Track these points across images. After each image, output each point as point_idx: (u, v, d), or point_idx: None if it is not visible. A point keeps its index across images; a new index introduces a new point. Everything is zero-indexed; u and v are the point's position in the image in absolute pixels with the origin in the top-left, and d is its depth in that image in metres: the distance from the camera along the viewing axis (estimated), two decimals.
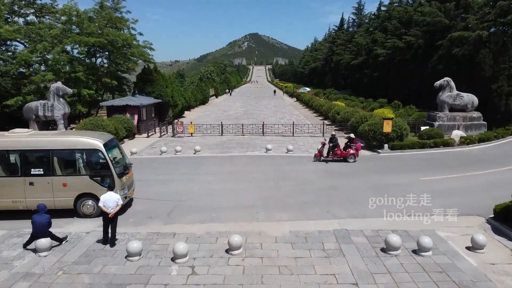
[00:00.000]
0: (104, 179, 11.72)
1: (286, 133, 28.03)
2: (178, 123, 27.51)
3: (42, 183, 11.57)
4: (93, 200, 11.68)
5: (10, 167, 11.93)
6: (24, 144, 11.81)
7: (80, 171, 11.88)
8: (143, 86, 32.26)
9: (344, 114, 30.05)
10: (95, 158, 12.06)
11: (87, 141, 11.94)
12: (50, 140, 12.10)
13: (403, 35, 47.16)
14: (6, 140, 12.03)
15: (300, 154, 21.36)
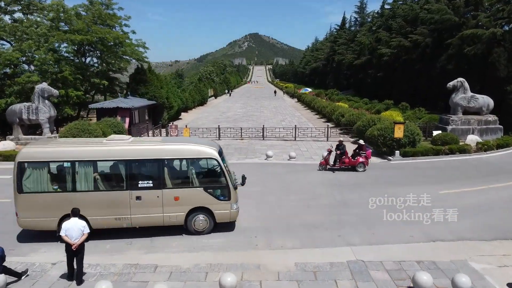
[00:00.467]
0: (219, 191, 10.56)
1: (288, 137, 26.22)
2: (172, 126, 25.69)
3: (151, 197, 10.10)
4: (205, 214, 10.46)
5: (113, 179, 10.40)
6: (130, 153, 10.23)
7: (194, 182, 10.52)
8: (136, 87, 30.49)
9: (349, 116, 28.23)
10: (210, 168, 10.86)
11: (202, 149, 10.60)
12: (160, 148, 10.58)
13: (409, 33, 45.32)
14: (108, 148, 10.40)
15: (303, 161, 19.56)
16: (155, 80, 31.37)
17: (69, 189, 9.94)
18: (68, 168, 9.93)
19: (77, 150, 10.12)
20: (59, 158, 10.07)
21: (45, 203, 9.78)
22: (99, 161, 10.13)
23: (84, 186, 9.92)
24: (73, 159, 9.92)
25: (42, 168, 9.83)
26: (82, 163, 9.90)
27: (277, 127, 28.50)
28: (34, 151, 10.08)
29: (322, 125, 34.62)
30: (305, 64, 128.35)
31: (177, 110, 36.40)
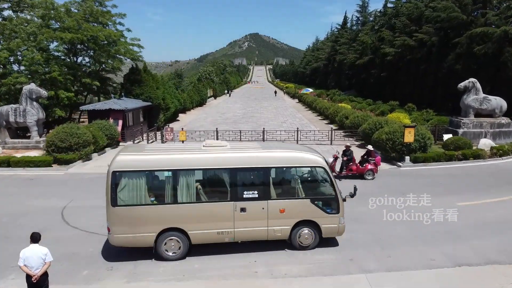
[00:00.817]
0: (327, 203, 9.65)
1: (290, 140, 24.87)
2: (167, 129, 24.38)
3: (256, 209, 9.22)
4: (311, 228, 9.55)
5: (216, 189, 9.52)
6: (234, 161, 9.31)
7: (300, 193, 9.62)
8: (131, 87, 29.14)
9: (354, 119, 26.88)
10: (317, 177, 9.99)
11: (309, 157, 9.78)
12: (266, 156, 9.59)
13: (414, 32, 44.00)
14: (210, 156, 9.36)
15: None
16: (151, 81, 30.03)
17: (168, 201, 8.97)
18: (168, 178, 9.00)
19: (177, 158, 9.20)
20: (158, 166, 9.07)
21: (142, 217, 8.81)
22: (201, 169, 9.27)
23: (186, 198, 8.99)
24: (174, 168, 8.94)
25: (139, 178, 8.80)
26: (183, 172, 8.94)
27: (278, 129, 27.19)
28: (130, 159, 9.00)
29: (324, 127, 33.32)
30: (306, 64, 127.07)
31: (174, 111, 35.07)
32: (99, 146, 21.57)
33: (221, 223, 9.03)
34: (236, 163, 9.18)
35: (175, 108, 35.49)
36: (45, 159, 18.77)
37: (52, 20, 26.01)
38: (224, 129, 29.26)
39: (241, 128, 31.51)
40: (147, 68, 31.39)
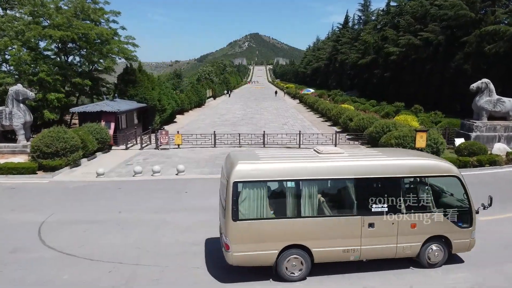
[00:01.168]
0: (460, 216, 8.57)
1: (291, 144, 23.55)
2: (162, 133, 23.06)
3: (386, 224, 8.28)
4: (440, 244, 8.60)
5: (340, 202, 8.62)
6: (360, 170, 8.28)
7: (432, 205, 8.55)
8: (125, 88, 27.82)
9: (359, 121, 25.56)
10: (450, 187, 8.98)
11: (444, 165, 8.77)
12: (397, 164, 8.56)
13: (419, 31, 42.69)
14: (333, 165, 8.35)
15: None
16: (146, 81, 28.71)
17: (291, 214, 8.06)
18: (291, 189, 8.14)
19: (301, 167, 8.20)
20: (281, 176, 8.11)
21: (265, 233, 7.95)
22: (325, 179, 8.42)
23: (309, 211, 8.11)
24: (298, 178, 8.05)
25: (261, 189, 7.96)
26: (306, 183, 8.04)
27: (279, 132, 25.82)
28: (251, 168, 7.99)
29: (327, 129, 32.01)
30: (306, 64, 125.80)
31: (170, 113, 33.77)
32: (89, 151, 20.27)
33: (347, 240, 8.16)
34: (363, 172, 8.23)
35: (172, 109, 34.19)
36: (29, 165, 17.46)
37: (41, 18, 24.63)
38: (223, 132, 27.94)
39: (241, 131, 30.24)
40: (142, 68, 30.09)
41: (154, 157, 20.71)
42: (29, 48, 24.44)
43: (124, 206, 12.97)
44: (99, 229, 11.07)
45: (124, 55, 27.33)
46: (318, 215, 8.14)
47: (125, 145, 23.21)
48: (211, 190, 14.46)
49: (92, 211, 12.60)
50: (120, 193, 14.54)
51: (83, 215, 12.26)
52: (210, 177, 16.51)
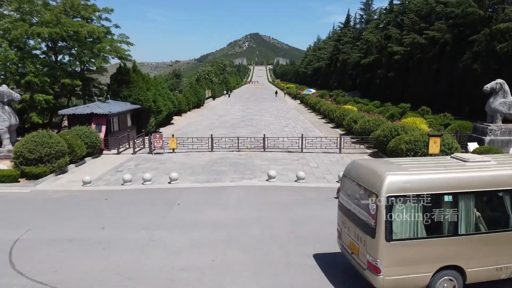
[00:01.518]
0: None
1: (293, 147, 22.22)
2: (156, 136, 21.73)
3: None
4: None
5: (495, 216, 7.65)
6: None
7: None
8: (118, 89, 26.50)
9: (364, 123, 24.21)
10: None
11: None
12: None
13: (424, 30, 41.37)
14: (488, 175, 7.43)
15: (315, 183, 15.52)
16: (140, 81, 27.38)
17: (448, 232, 7.19)
18: (448, 204, 7.19)
19: (455, 178, 7.35)
20: (436, 189, 7.12)
21: (420, 254, 7.11)
22: (481, 192, 7.35)
23: (466, 228, 7.28)
24: (455, 190, 7.17)
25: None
26: (464, 196, 7.21)
27: (280, 135, 24.48)
28: (404, 180, 7.01)
29: (330, 131, 30.70)
30: (307, 64, 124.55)
31: (167, 114, 32.44)
32: (77, 156, 18.94)
33: (501, 257, 7.38)
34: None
35: (168, 111, 32.87)
36: (10, 173, 16.12)
37: (28, 15, 23.19)
38: (220, 135, 26.64)
39: (240, 133, 28.93)
40: (137, 68, 28.76)
41: (146, 163, 19.39)
42: (17, 47, 23.11)
43: (108, 221, 11.64)
44: (78, 250, 9.75)
45: (117, 54, 25.97)
46: (475, 232, 7.27)
47: (117, 149, 21.89)
48: (206, 202, 13.15)
49: (73, 227, 11.28)
50: (105, 205, 13.22)
51: (62, 232, 10.95)
52: (206, 186, 15.20)
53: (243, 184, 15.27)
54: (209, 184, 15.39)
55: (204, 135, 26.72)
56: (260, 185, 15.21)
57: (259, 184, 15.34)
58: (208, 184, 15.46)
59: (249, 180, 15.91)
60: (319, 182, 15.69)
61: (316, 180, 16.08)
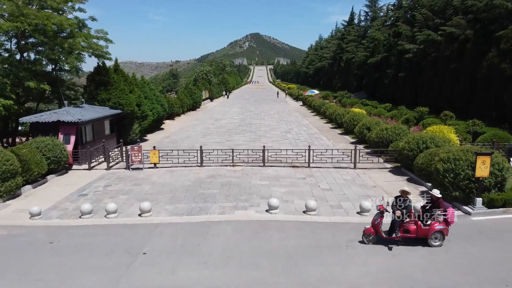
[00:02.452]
0: None
1: (299, 161, 18.64)
2: (134, 149, 18.14)
3: None
4: None
5: None
6: None
7: None
8: (95, 91, 22.96)
9: (381, 132, 20.63)
10: None
11: None
12: None
13: (439, 26, 37.76)
14: None
15: (329, 216, 11.89)
16: (122, 82, 23.83)
17: None
18: None
19: None
20: None
21: None
22: None
23: None
24: None
25: None
26: None
27: (282, 148, 20.91)
28: None
29: (338, 138, 27.14)
30: (309, 64, 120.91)
31: (155, 119, 28.89)
32: (34, 175, 15.40)
33: None
34: None
35: (157, 115, 29.31)
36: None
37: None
38: (214, 143, 23.14)
39: (236, 141, 25.46)
40: (119, 67, 25.21)
41: (119, 183, 15.82)
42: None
43: (39, 285, 8.08)
44: None
45: (94, 52, 22.40)
46: None
47: (88, 164, 18.31)
48: (183, 249, 9.57)
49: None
50: (48, 252, 9.66)
51: None
52: (186, 221, 11.57)
53: (235, 218, 11.67)
54: (190, 218, 11.79)
55: (196, 144, 23.28)
56: (258, 219, 11.61)
57: (257, 217, 11.73)
58: (190, 217, 11.86)
59: (244, 211, 12.31)
60: (335, 214, 12.09)
61: (330, 210, 12.48)
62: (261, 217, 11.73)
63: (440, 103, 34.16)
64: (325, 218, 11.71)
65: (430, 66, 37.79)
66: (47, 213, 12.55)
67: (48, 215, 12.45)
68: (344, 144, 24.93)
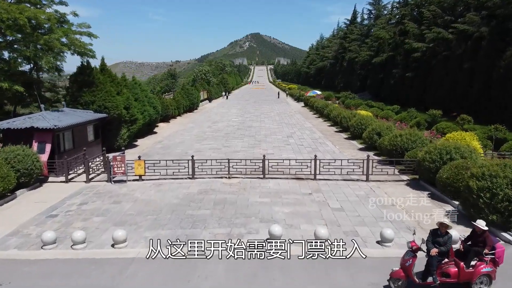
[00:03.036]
0: None
1: (304, 173, 16.50)
2: (117, 159, 16.01)
3: None
4: None
5: None
6: None
7: None
8: (78, 93, 20.87)
9: (394, 139, 18.52)
10: None
11: None
12: None
13: (450, 23, 35.69)
14: None
15: (345, 249, 9.73)
16: (108, 84, 21.73)
17: None
18: None
19: None
20: None
21: None
22: None
23: None
24: None
25: None
26: None
27: (285, 158, 18.82)
28: None
29: (345, 144, 25.03)
30: (310, 64, 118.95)
31: (146, 122, 26.81)
32: (1, 191, 13.29)
33: None
34: None
35: (149, 118, 27.22)
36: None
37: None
38: (210, 149, 21.08)
39: (234, 147, 23.40)
40: (106, 66, 23.12)
41: (97, 200, 13.71)
42: None
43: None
44: None
45: (76, 49, 20.30)
46: None
47: (65, 176, 16.20)
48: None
49: None
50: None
51: None
52: (170, 259, 9.38)
53: (228, 254, 9.50)
54: (173, 251, 9.63)
55: (190, 150, 21.30)
56: (257, 254, 9.44)
57: (256, 253, 9.56)
58: (173, 250, 9.69)
59: (240, 239, 10.15)
60: (351, 246, 9.91)
61: (344, 237, 10.33)
62: (261, 252, 9.54)
63: (450, 103, 32.12)
64: (339, 251, 9.54)
65: (440, 66, 35.72)
66: (5, 241, 10.45)
67: (5, 243, 10.34)
68: (352, 150, 22.83)
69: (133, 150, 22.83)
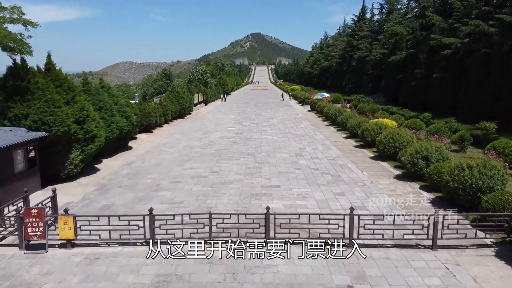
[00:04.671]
0: None
1: (332, 232, 10.30)
2: (32, 214, 9.97)
3: None
4: None
5: None
6: None
7: None
8: (6, 103, 14.88)
9: (461, 174, 12.43)
10: None
11: None
12: None
13: (491, 14, 29.64)
14: None
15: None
16: (51, 89, 15.70)
17: None
18: None
19: None
20: None
21: None
22: None
23: None
24: None
25: None
26: None
27: (297, 204, 12.74)
28: None
29: (374, 167, 18.85)
30: (313, 63, 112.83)
31: (113, 138, 20.83)
32: None
33: None
34: None
35: (118, 132, 21.21)
36: None
37: None
38: (193, 175, 14.97)
39: (226, 173, 17.18)
40: (54, 66, 17.07)
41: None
42: None
43: None
44: None
45: (2, 42, 14.32)
46: None
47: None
48: None
49: None
50: None
51: None
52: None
53: None
54: None
55: (164, 180, 15.37)
56: None
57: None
58: None
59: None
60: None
61: None
62: None
63: (497, 110, 26.09)
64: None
65: (479, 65, 29.62)
66: None
67: None
68: (387, 179, 16.75)
69: (87, 179, 16.82)
